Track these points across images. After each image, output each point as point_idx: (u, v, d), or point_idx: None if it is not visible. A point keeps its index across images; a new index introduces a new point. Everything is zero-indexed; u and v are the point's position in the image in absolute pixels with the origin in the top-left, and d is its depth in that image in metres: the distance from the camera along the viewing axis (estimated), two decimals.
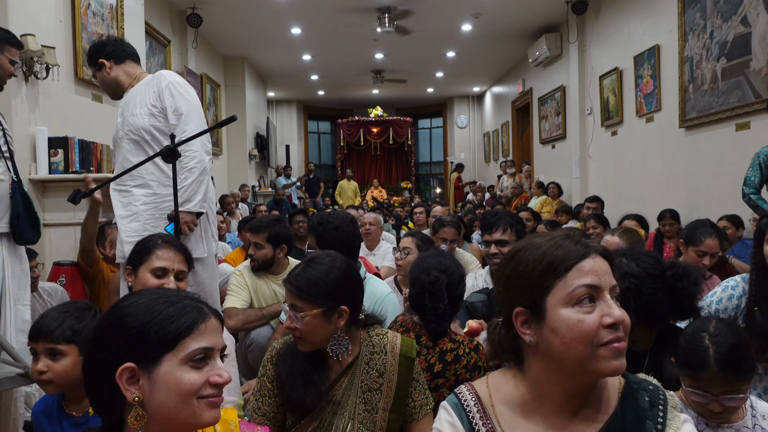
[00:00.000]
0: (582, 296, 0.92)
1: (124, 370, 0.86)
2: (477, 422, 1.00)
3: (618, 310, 0.92)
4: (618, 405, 0.99)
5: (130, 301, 0.92)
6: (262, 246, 2.67)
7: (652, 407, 0.98)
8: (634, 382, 1.02)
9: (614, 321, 0.91)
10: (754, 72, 4.16)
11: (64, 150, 3.43)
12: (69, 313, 1.56)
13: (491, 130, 12.61)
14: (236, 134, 9.32)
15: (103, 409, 0.92)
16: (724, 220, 3.97)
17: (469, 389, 1.05)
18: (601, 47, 6.85)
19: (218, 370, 0.91)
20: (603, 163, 6.94)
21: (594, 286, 0.93)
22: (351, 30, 8.23)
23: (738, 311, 1.87)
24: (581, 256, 0.95)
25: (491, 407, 1.01)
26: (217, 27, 7.81)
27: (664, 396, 1.01)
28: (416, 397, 1.57)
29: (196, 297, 0.96)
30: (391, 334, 1.60)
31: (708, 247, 2.73)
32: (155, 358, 0.87)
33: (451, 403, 1.04)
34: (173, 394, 0.87)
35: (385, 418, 1.52)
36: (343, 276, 1.51)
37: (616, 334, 0.91)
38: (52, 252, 3.30)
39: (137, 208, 2.47)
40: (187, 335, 0.89)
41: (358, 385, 1.52)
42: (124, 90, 2.63)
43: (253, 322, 2.62)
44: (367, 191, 12.89)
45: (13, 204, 2.22)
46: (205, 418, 0.89)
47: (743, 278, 1.93)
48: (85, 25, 4.01)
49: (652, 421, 0.97)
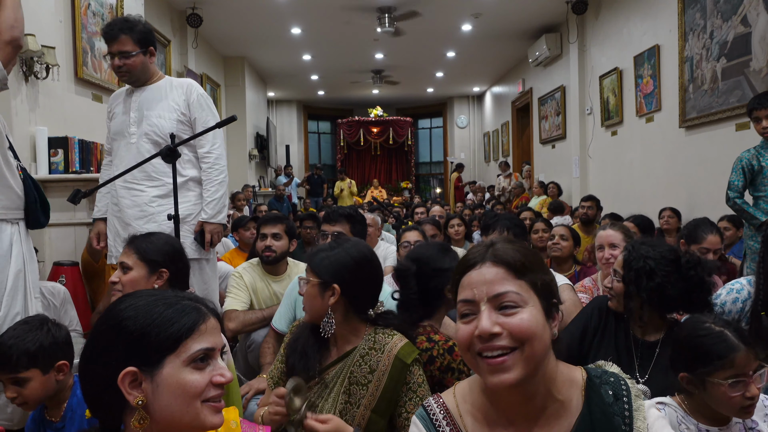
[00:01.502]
0: (462, 310, 0.95)
1: (126, 375, 0.86)
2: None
3: (484, 321, 0.91)
4: (584, 404, 0.97)
5: (127, 303, 0.91)
6: (281, 236, 2.67)
7: (617, 400, 0.97)
8: (595, 376, 1.01)
9: (478, 333, 0.91)
10: (754, 72, 4.16)
11: (64, 150, 3.43)
12: (20, 338, 1.57)
13: (491, 130, 12.61)
14: (236, 134, 9.31)
15: (102, 414, 0.91)
16: (724, 220, 3.97)
17: (436, 400, 1.04)
18: (601, 47, 6.85)
19: (220, 370, 0.91)
20: (603, 163, 6.94)
21: (468, 300, 0.94)
22: (351, 30, 8.23)
23: (742, 315, 1.85)
24: (465, 270, 0.98)
25: (459, 418, 1.00)
26: (217, 27, 7.81)
27: (626, 385, 0.99)
28: (410, 408, 1.52)
29: (194, 296, 0.96)
30: (397, 337, 1.58)
31: (710, 243, 2.74)
32: (157, 360, 0.87)
33: (420, 417, 1.03)
34: (177, 397, 0.87)
35: (366, 416, 1.50)
36: (347, 260, 1.57)
37: (485, 344, 0.91)
38: (52, 252, 3.29)
39: (153, 209, 2.52)
40: (189, 336, 0.89)
41: (346, 375, 1.53)
42: (143, 83, 2.59)
43: (253, 325, 2.61)
44: (367, 191, 12.89)
45: (27, 190, 2.24)
46: (209, 422, 0.89)
47: (749, 281, 1.92)
48: (85, 25, 4.01)
49: (619, 415, 0.96)
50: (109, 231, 2.68)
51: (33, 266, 2.35)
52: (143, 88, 2.58)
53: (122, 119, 2.58)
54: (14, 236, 2.22)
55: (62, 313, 2.90)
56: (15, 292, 2.20)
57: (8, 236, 2.20)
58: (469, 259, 0.98)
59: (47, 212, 2.34)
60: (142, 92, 2.57)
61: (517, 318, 0.91)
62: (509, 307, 0.92)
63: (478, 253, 0.98)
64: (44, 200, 2.31)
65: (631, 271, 1.64)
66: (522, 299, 0.93)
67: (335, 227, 2.56)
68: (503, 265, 0.95)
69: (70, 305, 2.95)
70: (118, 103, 2.64)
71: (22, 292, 2.24)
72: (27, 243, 2.30)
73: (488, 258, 0.96)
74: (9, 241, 2.20)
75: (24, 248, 2.27)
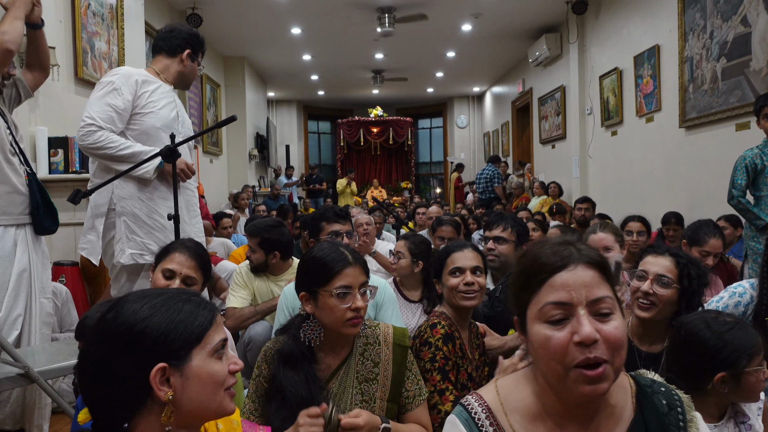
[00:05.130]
0: (552, 313, 0.87)
1: (158, 371, 0.87)
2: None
3: (587, 327, 0.85)
4: (636, 412, 0.94)
5: (142, 304, 0.91)
6: (254, 250, 2.68)
7: (671, 410, 0.95)
8: (646, 385, 0.98)
9: (581, 339, 0.84)
10: (754, 72, 4.16)
11: (64, 150, 3.43)
12: None
13: (491, 130, 12.61)
14: (236, 134, 9.31)
15: (112, 414, 0.90)
16: (722, 220, 3.97)
17: (477, 399, 0.98)
18: (601, 47, 6.85)
19: (232, 359, 0.97)
20: (603, 163, 6.94)
21: (563, 303, 0.87)
22: (351, 30, 8.22)
23: (744, 318, 1.84)
24: (555, 269, 0.89)
25: (504, 416, 0.95)
26: (217, 27, 7.81)
27: (678, 397, 0.97)
28: (409, 387, 1.58)
29: (193, 292, 0.98)
30: (383, 325, 1.63)
31: (712, 247, 2.73)
32: (185, 354, 0.90)
33: (461, 418, 0.96)
34: (207, 386, 0.91)
35: (383, 407, 1.53)
36: (300, 264, 1.60)
37: (585, 354, 0.84)
38: (52, 252, 3.29)
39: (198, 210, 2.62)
40: (209, 327, 0.93)
41: (353, 377, 1.54)
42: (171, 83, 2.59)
43: (247, 320, 2.63)
44: (367, 191, 12.89)
45: (31, 195, 2.25)
46: (230, 407, 0.94)
47: (752, 285, 1.91)
48: (85, 25, 4.01)
49: (675, 426, 0.93)
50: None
51: (42, 268, 2.36)
52: (175, 90, 2.60)
53: (170, 113, 2.49)
54: (19, 238, 2.22)
55: (64, 312, 2.92)
56: (17, 294, 2.20)
57: (11, 237, 2.20)
58: (554, 258, 0.90)
59: (55, 218, 2.34)
60: (175, 95, 2.59)
61: (612, 325, 0.86)
62: (605, 314, 0.87)
63: (563, 251, 0.90)
64: (50, 206, 2.32)
65: (691, 279, 1.68)
66: (614, 306, 0.89)
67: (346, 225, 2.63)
68: (597, 267, 0.90)
69: (72, 305, 2.96)
70: (155, 90, 2.45)
71: (25, 294, 2.24)
72: (35, 245, 2.30)
73: (582, 258, 0.89)
74: (12, 243, 2.20)
75: (31, 250, 2.27)
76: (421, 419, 1.58)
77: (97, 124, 2.29)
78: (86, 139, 2.28)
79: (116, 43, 4.47)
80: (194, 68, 2.59)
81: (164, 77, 2.52)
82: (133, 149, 2.32)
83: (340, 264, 1.48)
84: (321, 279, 1.49)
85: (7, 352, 1.95)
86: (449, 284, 1.86)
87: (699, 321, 1.43)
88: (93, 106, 2.31)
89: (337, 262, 1.49)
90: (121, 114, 2.34)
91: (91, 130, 2.28)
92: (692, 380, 1.38)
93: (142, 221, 2.39)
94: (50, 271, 2.45)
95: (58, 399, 2.08)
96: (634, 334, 1.74)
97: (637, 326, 1.74)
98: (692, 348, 1.40)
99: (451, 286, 1.85)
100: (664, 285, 1.67)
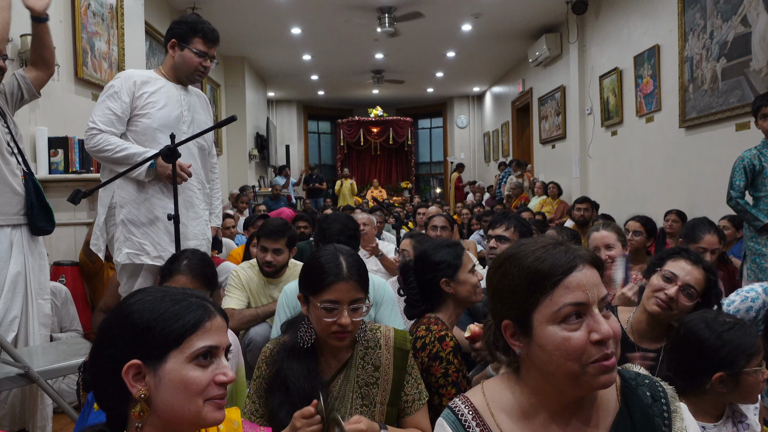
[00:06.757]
0: (569, 314, 0.89)
1: (130, 367, 0.87)
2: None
3: (605, 325, 0.88)
4: (621, 404, 0.97)
5: (137, 298, 0.93)
6: (282, 251, 2.64)
7: (655, 401, 0.97)
8: (630, 378, 1.01)
9: (601, 338, 0.87)
10: (754, 72, 4.16)
11: (64, 150, 3.43)
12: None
13: (491, 130, 12.61)
14: (236, 134, 9.32)
15: (108, 404, 0.93)
16: (724, 220, 3.97)
17: (464, 401, 1.01)
18: (601, 47, 6.85)
19: (223, 369, 0.92)
20: (603, 163, 6.94)
21: (581, 303, 0.89)
22: (351, 30, 8.22)
23: (755, 323, 1.84)
24: (568, 269, 0.90)
25: (491, 416, 0.98)
26: (217, 27, 7.63)
27: (662, 388, 1.00)
28: (408, 391, 1.56)
29: (201, 295, 0.97)
30: (384, 328, 1.61)
31: (707, 243, 2.74)
32: (161, 355, 0.88)
33: (448, 421, 0.99)
34: (179, 392, 0.88)
35: (384, 411, 1.52)
36: (304, 263, 1.58)
37: (603, 351, 0.88)
38: (52, 252, 3.29)
39: (205, 213, 2.64)
40: (193, 333, 0.90)
41: (354, 381, 1.53)
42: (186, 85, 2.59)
43: (249, 323, 2.62)
44: (367, 191, 12.89)
45: (26, 195, 2.25)
46: (210, 418, 0.90)
47: (765, 290, 1.90)
48: (85, 25, 4.01)
49: (659, 417, 0.96)
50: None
51: (39, 269, 2.35)
52: (189, 90, 2.58)
53: (173, 113, 2.46)
54: (15, 239, 2.22)
55: (64, 312, 2.92)
56: (13, 295, 2.20)
57: (7, 238, 2.20)
58: (564, 259, 0.91)
59: (50, 218, 2.34)
60: (189, 95, 2.57)
61: (613, 320, 0.91)
62: (604, 311, 0.92)
63: (567, 252, 0.92)
64: (45, 206, 2.31)
65: (711, 297, 1.69)
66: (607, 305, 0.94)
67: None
68: (597, 266, 0.93)
69: (71, 304, 2.96)
70: (156, 90, 2.44)
71: (21, 294, 2.24)
72: (31, 246, 2.30)
73: (585, 259, 0.92)
74: (8, 244, 2.20)
75: (27, 252, 2.27)
76: (420, 424, 1.56)
77: (98, 128, 2.34)
78: (88, 142, 2.36)
79: (116, 43, 4.47)
80: (186, 56, 2.46)
81: (169, 76, 2.53)
82: (128, 151, 2.34)
83: (331, 278, 1.44)
84: (312, 288, 1.47)
85: (7, 352, 1.95)
86: (472, 281, 1.85)
87: (699, 320, 1.43)
88: (96, 110, 2.38)
89: (329, 276, 1.44)
90: (120, 117, 2.38)
91: (93, 134, 2.34)
92: (691, 379, 1.38)
93: (139, 222, 2.41)
94: (48, 271, 2.44)
95: (58, 399, 2.08)
96: (635, 330, 1.73)
97: (639, 323, 1.73)
98: (691, 347, 1.40)
99: (474, 283, 1.86)
100: (689, 296, 1.66)
